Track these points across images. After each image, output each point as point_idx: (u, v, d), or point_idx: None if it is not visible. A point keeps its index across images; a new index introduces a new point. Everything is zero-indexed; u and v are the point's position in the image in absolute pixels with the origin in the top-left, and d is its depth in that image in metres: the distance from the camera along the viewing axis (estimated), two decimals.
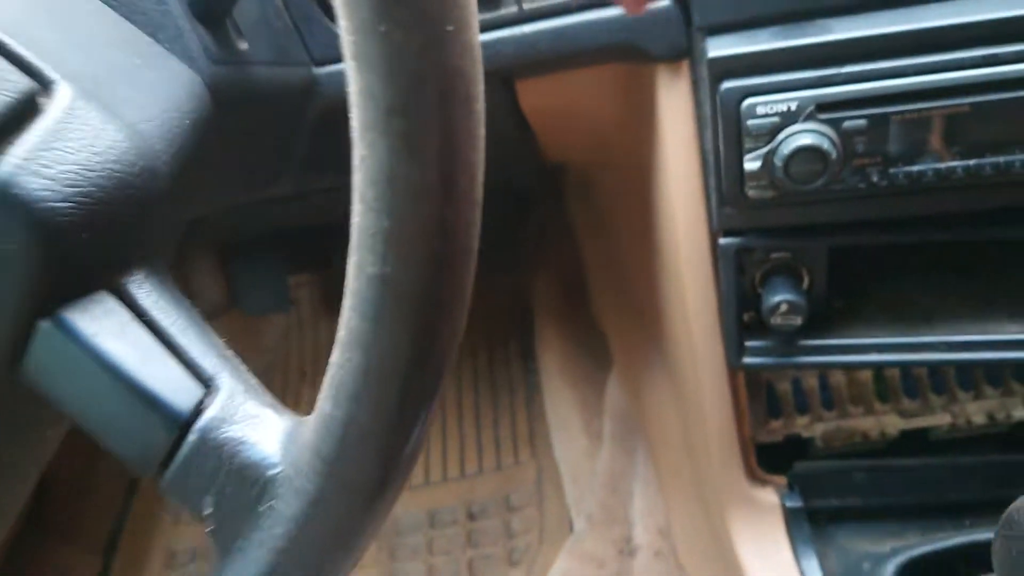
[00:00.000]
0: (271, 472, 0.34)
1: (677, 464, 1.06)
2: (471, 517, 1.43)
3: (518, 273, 1.64)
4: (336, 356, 0.32)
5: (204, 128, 0.47)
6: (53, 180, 0.35)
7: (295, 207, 1.13)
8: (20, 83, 0.35)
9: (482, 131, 0.30)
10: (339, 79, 0.69)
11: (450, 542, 1.40)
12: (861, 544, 0.78)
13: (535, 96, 0.79)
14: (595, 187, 1.24)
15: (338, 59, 0.67)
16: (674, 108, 0.69)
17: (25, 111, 0.35)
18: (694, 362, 0.79)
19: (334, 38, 0.68)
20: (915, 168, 0.63)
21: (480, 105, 0.29)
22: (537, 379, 1.53)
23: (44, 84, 0.36)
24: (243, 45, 0.58)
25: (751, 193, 0.65)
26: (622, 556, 1.15)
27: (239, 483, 0.35)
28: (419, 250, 0.29)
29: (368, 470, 0.32)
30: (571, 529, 1.26)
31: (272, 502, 0.34)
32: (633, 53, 0.68)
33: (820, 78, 0.62)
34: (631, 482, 1.21)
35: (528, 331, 1.60)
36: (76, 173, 0.35)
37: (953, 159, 0.62)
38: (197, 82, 0.49)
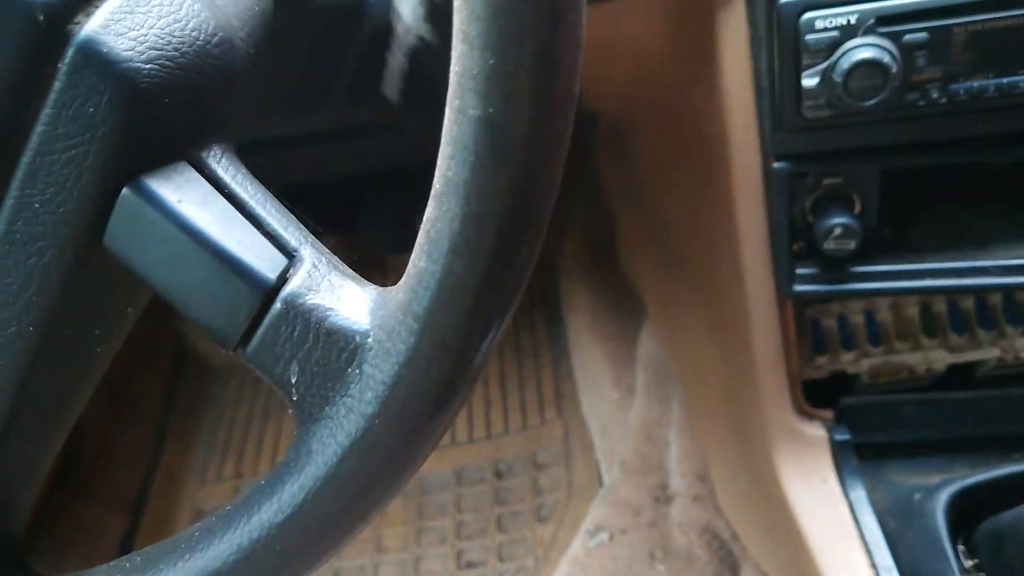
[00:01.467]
0: (360, 337, 0.34)
1: (716, 407, 1.05)
2: (498, 475, 1.43)
3: None
4: (431, 211, 0.31)
5: (269, 21, 0.46)
6: (136, 41, 0.34)
7: (322, 154, 1.12)
8: None
9: None
10: (387, 2, 0.68)
11: (478, 499, 1.41)
12: (910, 477, 0.77)
13: None
14: (628, 135, 1.23)
15: None
16: (728, 29, 0.68)
17: None
18: (742, 296, 0.79)
19: None
20: (976, 84, 0.62)
21: None
22: (564, 343, 1.52)
23: None
24: None
25: (808, 112, 0.64)
26: (658, 504, 1.15)
27: (327, 349, 0.34)
28: (525, 89, 0.29)
29: (462, 325, 0.32)
30: (601, 485, 1.26)
31: (362, 367, 0.34)
32: None
33: None
34: (666, 431, 1.21)
35: (553, 294, 1.60)
36: (159, 37, 0.35)
37: (1016, 74, 0.61)
38: None
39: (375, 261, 1.62)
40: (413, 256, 0.32)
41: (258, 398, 1.60)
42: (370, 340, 0.34)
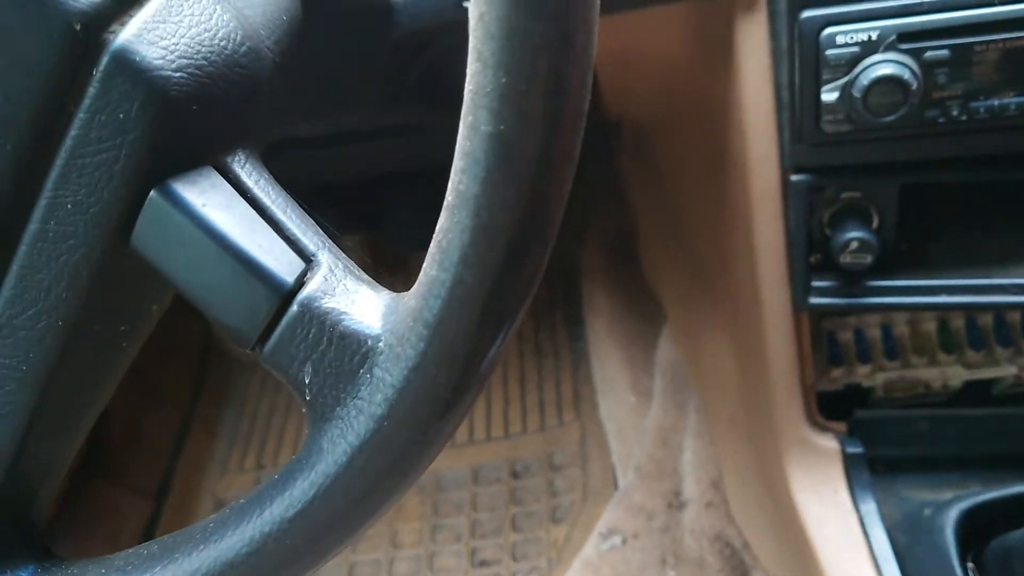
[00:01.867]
0: (372, 341, 0.35)
1: (731, 415, 1.06)
2: (515, 475, 1.44)
3: (564, 237, 1.64)
4: (443, 221, 0.33)
5: (297, 29, 0.48)
6: (167, 51, 0.36)
7: (350, 153, 1.14)
8: None
9: None
10: (415, 8, 0.70)
11: (493, 499, 1.41)
12: (921, 492, 0.77)
13: (602, 37, 0.79)
14: (651, 142, 1.24)
15: None
16: (750, 41, 0.69)
17: None
18: (758, 306, 0.79)
19: None
20: (997, 102, 0.62)
21: None
22: (583, 345, 1.53)
23: None
24: None
25: (827, 127, 0.65)
26: (671, 509, 1.15)
27: (340, 352, 0.35)
28: (535, 107, 0.30)
29: (471, 333, 0.33)
30: (616, 488, 1.26)
31: (373, 370, 0.35)
32: None
33: (902, 7, 0.61)
34: (682, 436, 1.21)
35: (574, 297, 1.60)
36: (188, 46, 0.36)
37: None
38: None
39: (400, 259, 1.64)
40: (425, 265, 0.34)
41: (280, 392, 1.62)
42: (381, 344, 0.35)
